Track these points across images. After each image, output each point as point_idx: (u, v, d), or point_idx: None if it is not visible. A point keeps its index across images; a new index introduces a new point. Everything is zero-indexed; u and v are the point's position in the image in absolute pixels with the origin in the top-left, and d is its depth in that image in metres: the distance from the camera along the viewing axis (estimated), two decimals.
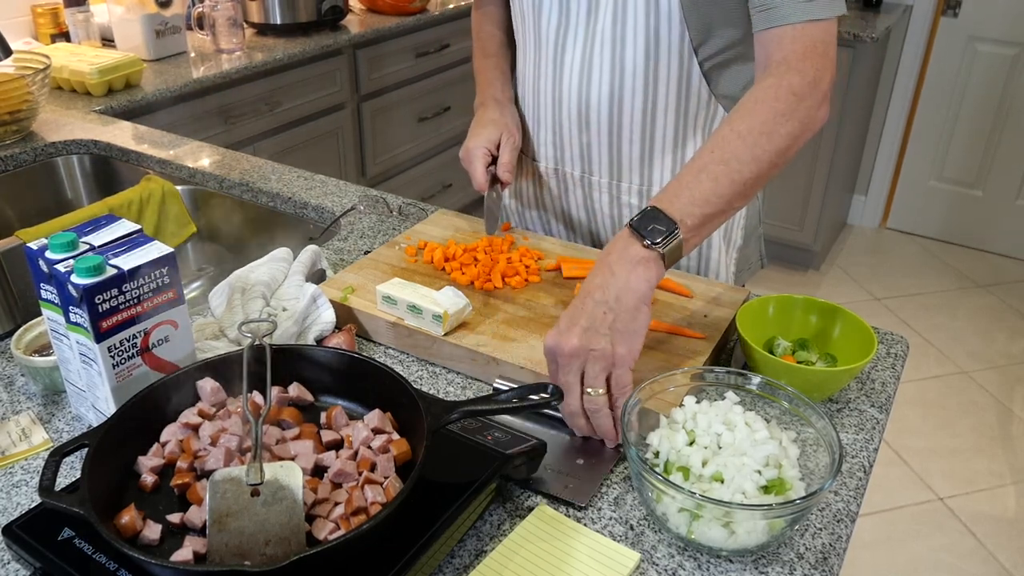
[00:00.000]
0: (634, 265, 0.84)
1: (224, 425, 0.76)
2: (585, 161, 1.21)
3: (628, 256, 0.85)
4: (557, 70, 1.17)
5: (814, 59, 0.95)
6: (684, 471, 0.75)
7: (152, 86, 2.06)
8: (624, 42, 1.09)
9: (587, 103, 1.15)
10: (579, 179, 1.24)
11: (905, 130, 3.55)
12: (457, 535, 0.74)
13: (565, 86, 1.16)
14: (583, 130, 1.18)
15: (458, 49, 3.09)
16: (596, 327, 0.82)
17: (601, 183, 1.22)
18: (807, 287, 3.29)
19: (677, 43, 1.07)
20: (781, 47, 0.96)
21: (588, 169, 1.22)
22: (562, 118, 1.19)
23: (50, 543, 0.69)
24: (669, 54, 1.08)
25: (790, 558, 0.74)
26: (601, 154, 1.19)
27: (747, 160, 0.91)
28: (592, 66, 1.13)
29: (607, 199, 1.23)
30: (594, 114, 1.15)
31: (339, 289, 1.06)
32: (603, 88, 1.13)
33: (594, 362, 0.82)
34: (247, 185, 1.49)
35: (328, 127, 2.64)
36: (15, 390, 0.95)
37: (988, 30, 3.23)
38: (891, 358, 1.02)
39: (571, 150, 1.22)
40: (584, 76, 1.14)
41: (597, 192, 1.23)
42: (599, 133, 1.17)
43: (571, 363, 0.82)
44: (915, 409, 2.65)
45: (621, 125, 1.15)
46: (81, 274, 0.76)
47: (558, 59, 1.16)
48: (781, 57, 0.96)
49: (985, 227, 3.54)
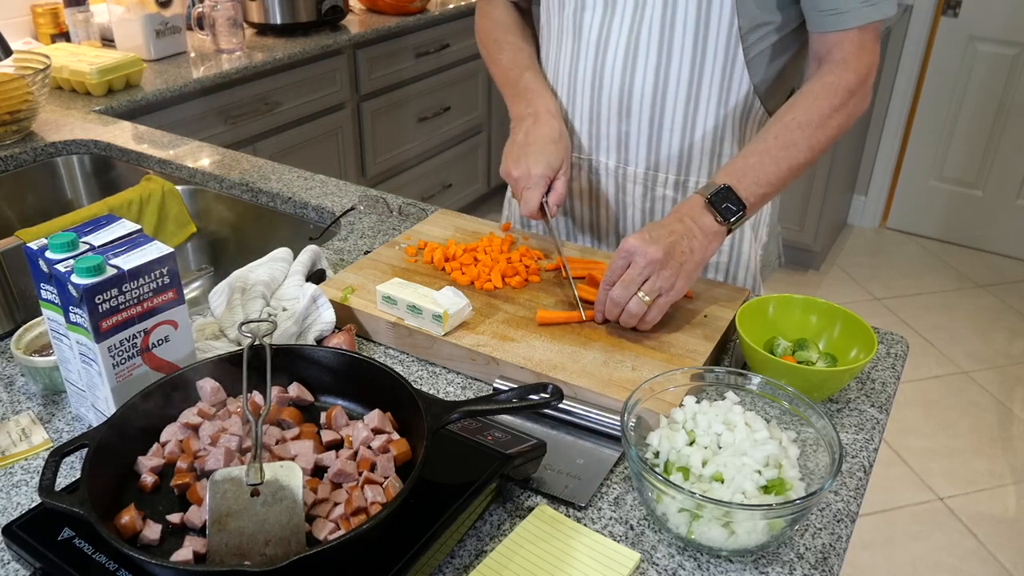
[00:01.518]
0: (712, 237, 0.99)
1: (224, 425, 0.76)
2: (622, 151, 1.21)
3: (704, 225, 0.99)
4: (600, 57, 1.16)
5: (866, 57, 1.06)
6: (684, 471, 0.75)
7: (152, 86, 2.06)
8: (674, 26, 1.09)
9: (630, 90, 1.15)
10: (614, 170, 1.23)
11: (905, 130, 3.55)
12: (457, 535, 0.74)
13: (607, 73, 1.15)
14: (623, 119, 1.18)
15: (458, 49, 3.09)
16: (675, 256, 0.96)
17: (637, 174, 1.21)
18: (807, 287, 3.29)
19: (726, 30, 1.08)
20: (842, 48, 1.06)
21: (624, 160, 1.21)
22: (601, 107, 1.18)
23: (50, 543, 0.69)
24: (717, 41, 1.08)
25: (790, 558, 0.74)
26: (640, 144, 1.19)
27: (803, 148, 1.03)
28: (638, 52, 1.12)
29: (641, 191, 1.23)
30: (636, 102, 1.15)
31: (339, 289, 1.06)
32: (648, 75, 1.13)
33: (660, 279, 0.95)
34: (247, 185, 1.49)
35: (328, 127, 2.64)
36: (15, 390, 0.95)
37: (988, 30, 3.23)
38: (891, 358, 1.02)
39: (608, 140, 1.21)
40: (629, 62, 1.13)
41: (631, 184, 1.23)
42: (640, 122, 1.17)
43: (645, 269, 0.95)
44: (915, 409, 2.64)
45: (663, 114, 1.15)
46: (81, 274, 0.76)
47: (601, 46, 1.15)
48: (841, 57, 1.06)
49: (985, 227, 3.54)
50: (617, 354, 0.95)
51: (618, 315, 0.97)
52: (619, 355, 0.95)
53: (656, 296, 0.95)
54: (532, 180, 1.12)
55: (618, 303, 0.96)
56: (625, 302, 0.96)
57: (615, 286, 0.96)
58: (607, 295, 0.97)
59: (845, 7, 1.03)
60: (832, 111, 1.04)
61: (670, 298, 0.96)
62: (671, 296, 0.96)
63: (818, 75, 1.07)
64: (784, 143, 1.03)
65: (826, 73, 1.06)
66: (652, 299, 0.95)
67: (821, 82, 1.05)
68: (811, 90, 1.05)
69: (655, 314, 0.96)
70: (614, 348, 0.96)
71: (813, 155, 1.05)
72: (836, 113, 1.05)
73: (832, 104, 1.04)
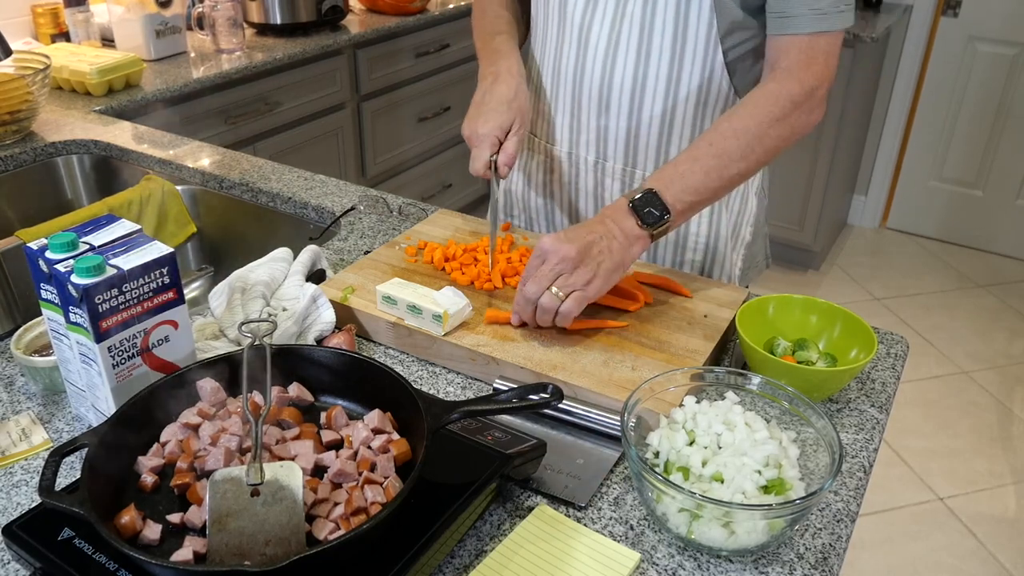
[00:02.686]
0: (633, 240, 0.98)
1: (224, 425, 0.76)
2: (601, 146, 1.21)
3: (626, 228, 0.98)
4: (581, 51, 1.16)
5: (815, 68, 1.03)
6: (684, 471, 0.75)
7: (152, 86, 2.06)
8: (653, 24, 1.09)
9: (609, 85, 1.15)
10: (593, 164, 1.24)
11: (905, 130, 3.55)
12: (457, 535, 0.74)
13: (588, 67, 1.16)
14: (602, 113, 1.18)
15: (458, 49, 3.09)
16: (591, 255, 0.95)
17: (615, 169, 1.22)
18: (807, 287, 3.29)
19: (705, 31, 1.08)
20: (788, 55, 1.04)
21: (603, 155, 1.22)
22: (582, 100, 1.19)
23: (50, 543, 0.69)
24: (696, 41, 1.08)
25: (790, 558, 0.74)
26: (618, 139, 1.19)
27: (737, 158, 1.01)
28: (618, 48, 1.13)
29: (619, 187, 1.23)
30: (615, 97, 1.16)
31: (339, 289, 1.06)
32: (627, 71, 1.13)
33: (574, 276, 0.94)
34: (247, 185, 1.49)
35: (328, 127, 2.64)
36: (15, 390, 0.95)
37: (988, 30, 3.23)
38: (891, 358, 1.02)
39: (587, 134, 1.21)
40: (609, 58, 1.14)
41: (610, 179, 1.23)
42: (618, 117, 1.17)
43: (558, 265, 0.94)
44: (915, 409, 2.64)
45: (642, 110, 1.15)
46: (81, 274, 0.76)
47: (583, 39, 1.15)
48: (786, 65, 1.03)
49: (985, 227, 3.54)
50: (617, 354, 0.95)
51: (532, 313, 0.96)
52: (619, 355, 0.95)
53: (569, 292, 0.93)
54: (479, 139, 1.11)
55: (530, 299, 0.95)
56: (536, 298, 0.94)
57: (527, 283, 0.95)
58: (521, 294, 0.96)
59: (793, 11, 1.01)
60: (772, 121, 1.01)
61: (586, 294, 0.94)
62: (587, 292, 0.94)
63: (761, 83, 1.05)
64: (717, 151, 1.00)
65: (769, 80, 1.04)
66: (565, 295, 0.93)
67: (763, 90, 1.03)
68: (752, 98, 1.03)
69: (571, 305, 0.93)
70: (614, 348, 0.96)
71: (749, 165, 1.01)
72: (777, 124, 1.01)
73: (772, 113, 1.01)
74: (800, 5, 1.01)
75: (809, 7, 1.01)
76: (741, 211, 1.25)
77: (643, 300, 1.04)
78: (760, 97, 1.02)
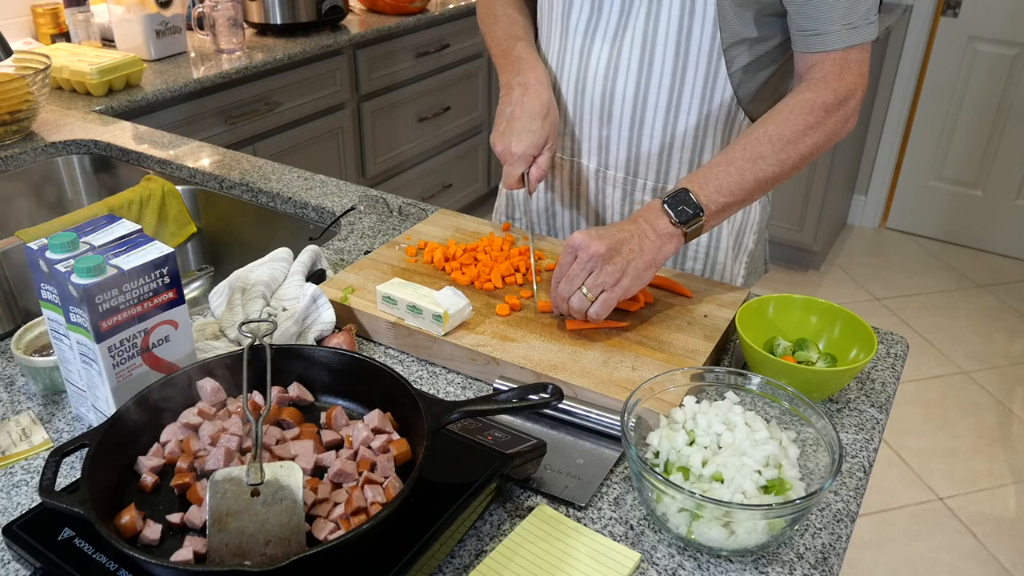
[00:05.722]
0: (666, 239, 0.98)
1: (224, 425, 0.76)
2: (603, 155, 1.21)
3: (658, 227, 0.99)
4: (583, 61, 1.16)
5: (849, 78, 1.04)
6: (684, 471, 0.75)
7: (152, 86, 2.06)
8: (655, 40, 1.09)
9: (611, 96, 1.15)
10: (594, 172, 1.24)
11: (905, 130, 3.55)
12: (457, 535, 0.74)
13: (590, 78, 1.16)
14: (604, 123, 1.18)
15: (458, 49, 3.09)
16: (621, 253, 0.95)
17: (616, 178, 1.22)
18: (807, 287, 3.29)
19: (708, 45, 1.08)
20: (822, 67, 1.05)
21: (604, 163, 1.22)
22: (583, 110, 1.19)
23: (50, 543, 0.69)
24: (699, 55, 1.09)
25: (790, 558, 0.74)
26: (620, 149, 1.19)
27: (772, 162, 1.03)
28: (620, 60, 1.13)
29: (620, 195, 1.23)
30: (617, 107, 1.16)
31: (339, 289, 1.06)
32: (629, 83, 1.13)
33: (603, 274, 0.94)
34: (247, 185, 1.49)
35: (328, 127, 2.64)
36: (15, 390, 0.95)
37: (988, 30, 3.23)
38: (891, 358, 1.02)
39: (589, 142, 1.22)
40: (611, 70, 1.14)
41: (611, 187, 1.23)
42: (620, 127, 1.17)
43: (588, 263, 0.95)
44: (915, 409, 2.64)
45: (643, 121, 1.15)
46: (81, 274, 0.76)
47: (585, 50, 1.16)
48: (820, 76, 1.04)
49: (985, 227, 3.54)
50: (617, 354, 0.95)
51: (567, 310, 0.98)
52: (619, 355, 0.95)
53: (599, 292, 0.95)
54: (514, 158, 1.13)
55: (563, 298, 0.97)
56: (568, 297, 0.96)
57: (560, 281, 0.97)
58: (555, 291, 0.98)
59: (826, 29, 1.02)
60: (806, 128, 1.03)
61: (614, 294, 0.95)
62: (615, 292, 0.95)
63: (795, 91, 1.06)
64: (752, 155, 1.02)
65: (803, 90, 1.05)
66: (594, 295, 0.95)
67: (797, 98, 1.04)
68: (786, 105, 1.05)
69: (598, 308, 0.95)
70: (614, 348, 0.96)
71: (783, 170, 1.03)
72: (810, 131, 1.03)
73: (807, 121, 1.03)
74: (833, 22, 1.01)
75: (842, 23, 1.01)
76: (745, 219, 1.25)
77: (643, 300, 1.04)
78: (795, 104, 1.04)
